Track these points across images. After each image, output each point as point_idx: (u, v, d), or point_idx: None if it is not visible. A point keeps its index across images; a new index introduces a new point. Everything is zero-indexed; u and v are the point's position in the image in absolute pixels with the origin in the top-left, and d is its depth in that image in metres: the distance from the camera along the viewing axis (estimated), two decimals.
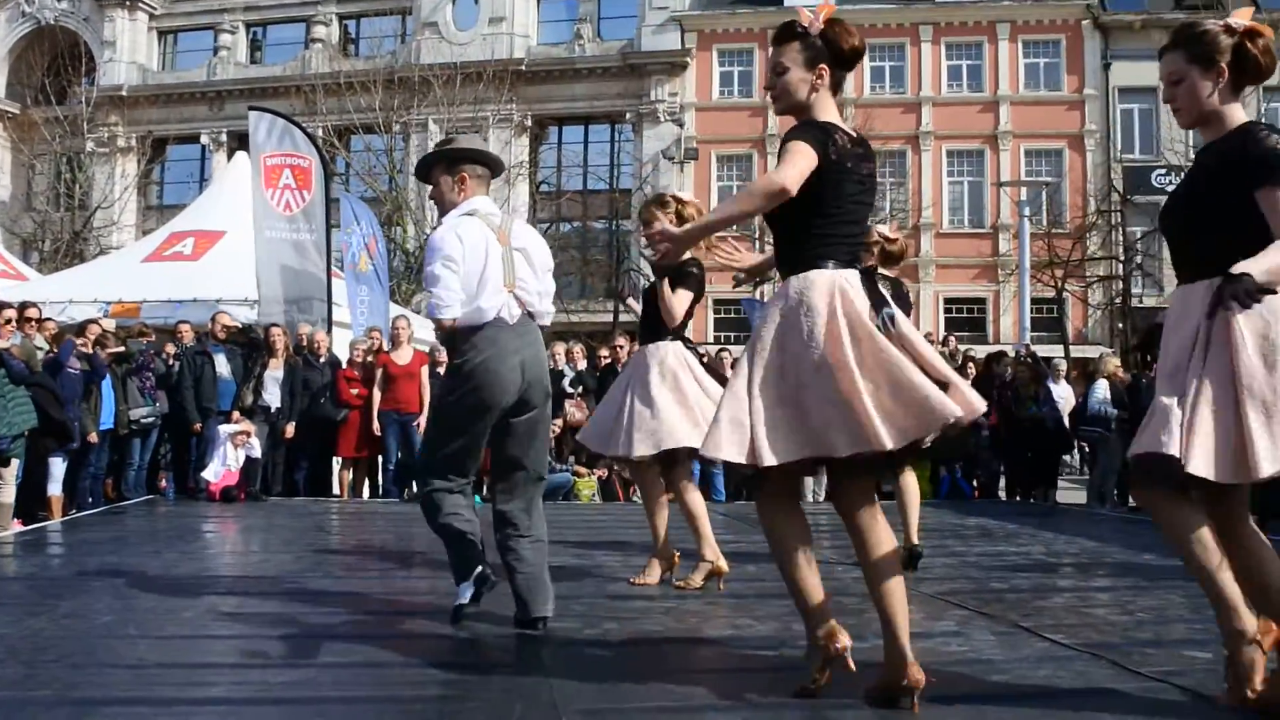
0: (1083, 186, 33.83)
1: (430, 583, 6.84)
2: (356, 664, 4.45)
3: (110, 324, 13.23)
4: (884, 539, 3.80)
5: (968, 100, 35.55)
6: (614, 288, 33.82)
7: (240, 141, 34.55)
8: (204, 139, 39.88)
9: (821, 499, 13.47)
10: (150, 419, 12.27)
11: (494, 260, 5.07)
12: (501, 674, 4.29)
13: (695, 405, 6.16)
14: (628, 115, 36.77)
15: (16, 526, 9.58)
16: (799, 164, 3.63)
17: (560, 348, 14.33)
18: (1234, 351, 3.35)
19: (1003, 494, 14.21)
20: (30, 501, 10.38)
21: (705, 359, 7.02)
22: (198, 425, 12.49)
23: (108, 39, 40.67)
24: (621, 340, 14.28)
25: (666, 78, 36.50)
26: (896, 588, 3.76)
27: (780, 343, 3.72)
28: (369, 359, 13.39)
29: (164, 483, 13.07)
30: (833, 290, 3.68)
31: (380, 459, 13.56)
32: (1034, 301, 28.30)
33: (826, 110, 3.86)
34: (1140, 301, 31.30)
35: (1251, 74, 3.49)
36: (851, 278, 3.74)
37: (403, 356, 13.19)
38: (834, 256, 3.75)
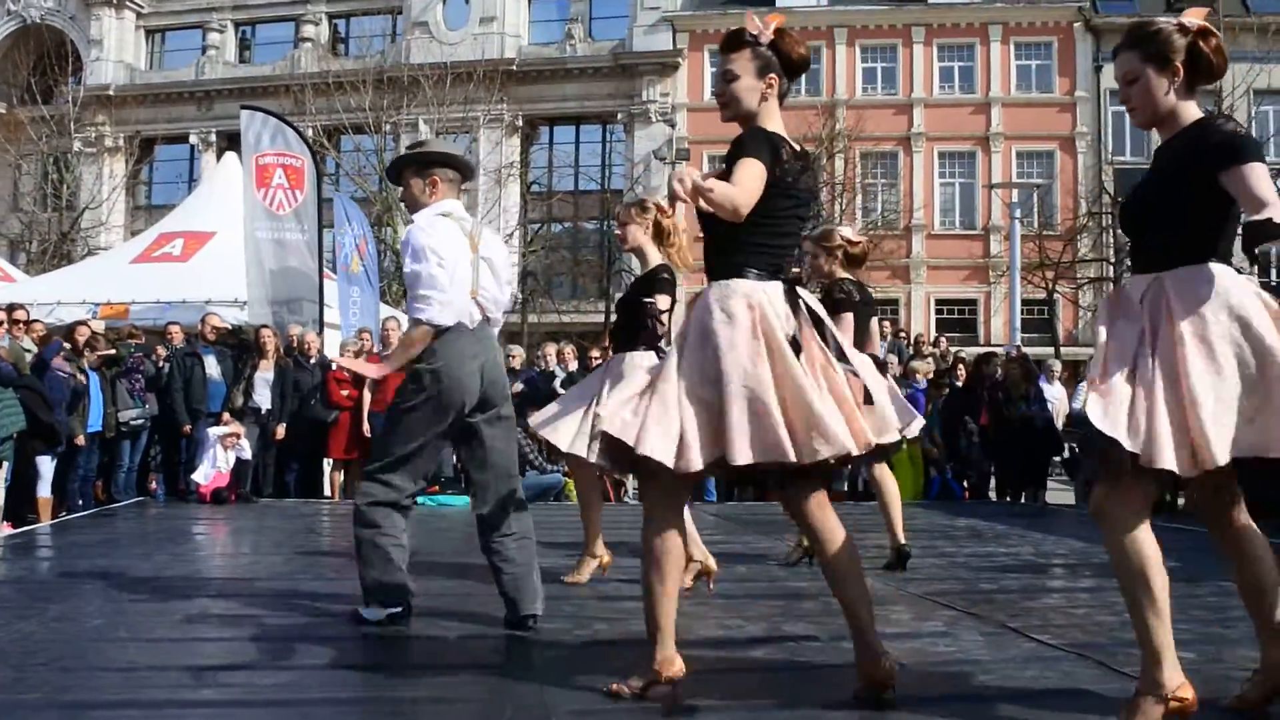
0: (1074, 188, 33.92)
1: (421, 584, 6.83)
2: (346, 666, 4.46)
3: (99, 325, 13.21)
4: (836, 536, 3.86)
5: (959, 102, 35.61)
6: (604, 288, 33.84)
7: (229, 141, 34.51)
8: (193, 139, 39.81)
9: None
10: (140, 421, 12.25)
11: (465, 264, 5.12)
12: (492, 675, 4.30)
13: None
14: (619, 115, 36.78)
15: (6, 529, 9.56)
16: (756, 187, 3.67)
17: (551, 349, 14.32)
18: (1176, 347, 3.35)
19: (993, 494, 14.22)
20: (19, 504, 10.37)
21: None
22: (187, 427, 12.47)
23: (94, 38, 40.56)
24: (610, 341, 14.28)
25: (658, 78, 36.52)
26: (857, 583, 3.87)
27: (700, 347, 3.73)
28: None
29: (154, 485, 13.05)
30: (752, 301, 3.72)
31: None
32: (1025, 303, 28.36)
33: (773, 119, 3.91)
34: None
35: (1204, 73, 3.52)
36: (772, 290, 3.79)
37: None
38: (757, 266, 3.79)
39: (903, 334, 19.80)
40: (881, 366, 8.27)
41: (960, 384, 14.31)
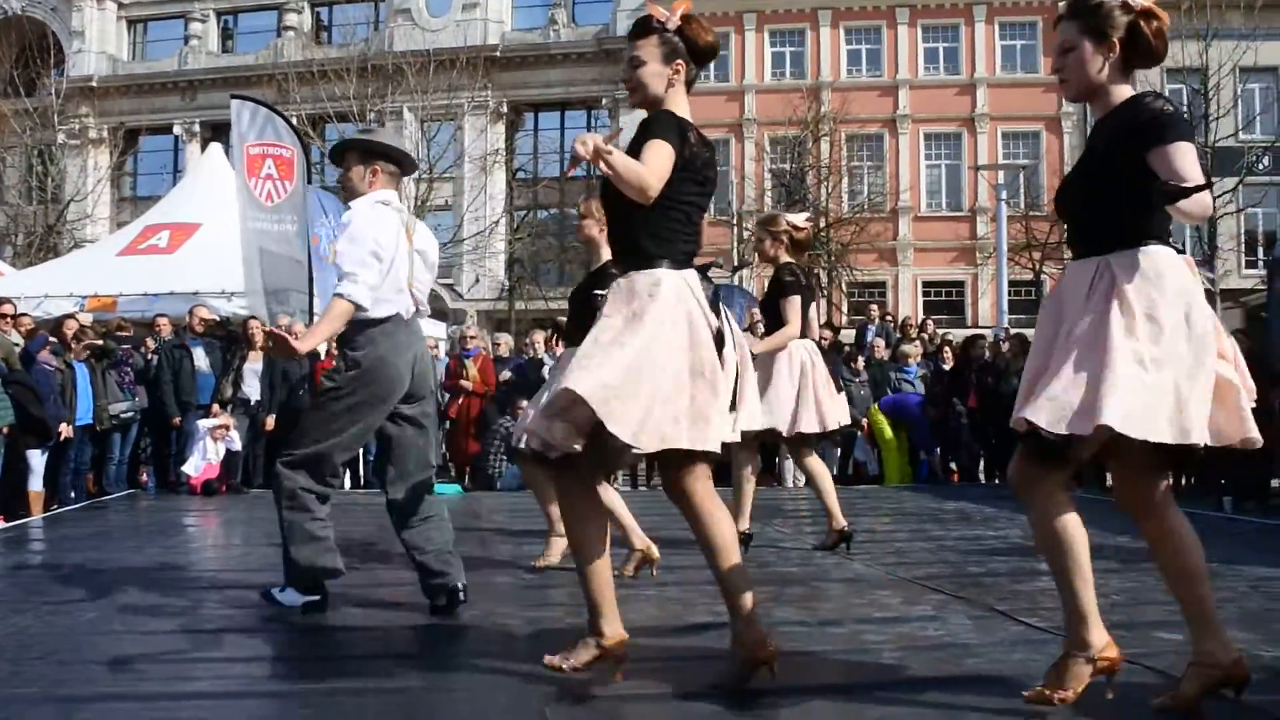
0: (1060, 169, 33.86)
1: (413, 573, 6.87)
2: (339, 656, 4.49)
3: (87, 318, 13.20)
4: (717, 520, 3.89)
5: (945, 83, 35.61)
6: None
7: (214, 131, 34.45)
8: (177, 129, 39.66)
9: (802, 484, 13.54)
10: (129, 414, 12.25)
11: (402, 256, 5.19)
12: (484, 664, 4.32)
13: None
14: (604, 101, 36.72)
15: None
16: (664, 168, 3.71)
17: (539, 336, 14.31)
18: (1112, 318, 3.34)
19: (983, 476, 14.28)
20: (11, 498, 10.37)
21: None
22: (177, 419, 12.49)
23: (76, 29, 40.37)
24: None
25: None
26: (735, 564, 3.91)
27: (625, 331, 3.72)
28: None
29: (145, 477, 13.06)
30: (680, 291, 3.77)
31: (360, 451, 13.54)
32: (1012, 284, 28.36)
33: (680, 105, 3.97)
34: None
35: (1142, 54, 3.49)
36: (691, 278, 3.85)
37: None
38: (671, 254, 3.83)
39: (889, 317, 19.83)
40: (827, 354, 8.40)
41: (948, 366, 14.35)
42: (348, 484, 13.67)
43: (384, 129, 5.85)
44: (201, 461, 12.08)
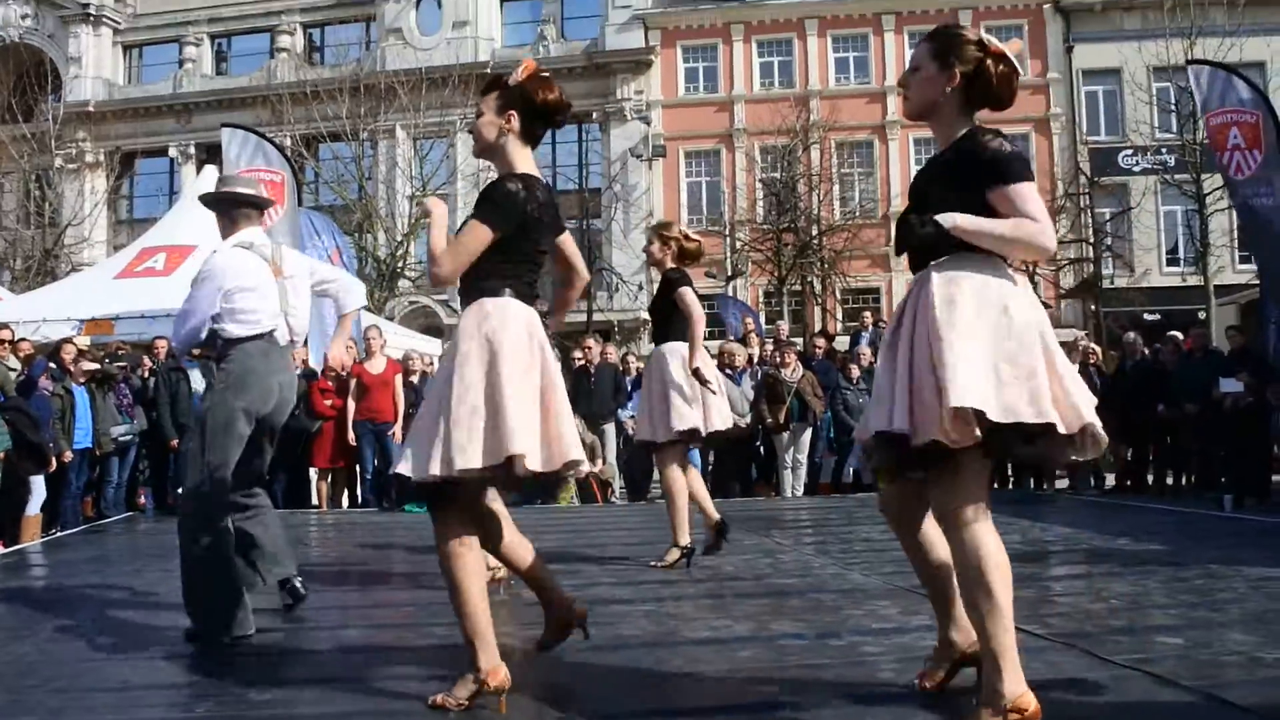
0: (1050, 170, 33.93)
1: (411, 594, 6.88)
2: (338, 678, 4.48)
3: (84, 342, 13.22)
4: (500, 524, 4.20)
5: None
6: (586, 288, 33.77)
7: (209, 154, 34.43)
8: (172, 152, 39.67)
9: (799, 493, 13.56)
10: (129, 436, 12.27)
11: (269, 287, 5.59)
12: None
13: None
14: (594, 115, 36.75)
15: None
16: (470, 251, 3.97)
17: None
18: (928, 312, 3.48)
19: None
20: (9, 523, 10.38)
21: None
22: (174, 442, 12.50)
23: (73, 55, 40.41)
24: (591, 341, 14.33)
25: (632, 76, 36.50)
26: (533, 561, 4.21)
27: (474, 359, 3.91)
28: (343, 370, 13.38)
29: (143, 499, 13.07)
30: (524, 320, 4.00)
31: (357, 469, 13.58)
32: None
33: (518, 154, 4.19)
34: (1111, 283, 31.46)
35: (985, 95, 3.63)
36: (533, 315, 4.07)
37: (376, 366, 13.23)
38: (513, 287, 4.03)
39: (883, 323, 19.82)
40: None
41: None
42: (345, 503, 13.70)
43: (237, 177, 6.24)
44: None
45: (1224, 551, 7.68)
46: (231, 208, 5.82)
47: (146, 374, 12.86)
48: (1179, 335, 13.57)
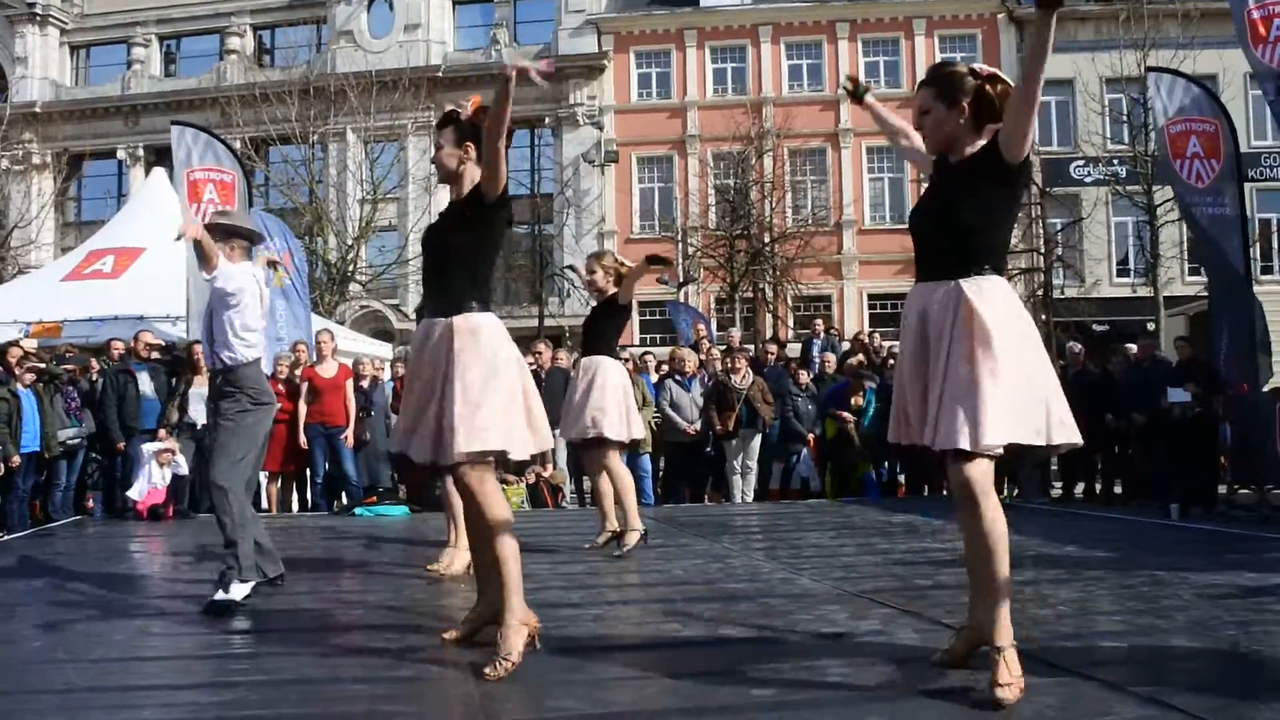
0: None
1: (360, 595, 6.87)
2: (286, 680, 4.46)
3: (31, 344, 13.07)
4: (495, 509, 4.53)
5: (886, 96, 35.22)
6: (538, 293, 33.76)
7: (158, 155, 34.11)
8: (120, 154, 39.28)
9: (749, 499, 13.60)
10: (77, 440, 12.15)
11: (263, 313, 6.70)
12: (430, 685, 4.33)
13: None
14: (547, 119, 36.69)
15: None
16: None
17: None
18: (973, 336, 3.88)
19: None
20: None
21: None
22: (121, 444, 12.39)
23: (19, 55, 39.94)
24: (542, 346, 14.32)
25: (585, 81, 36.47)
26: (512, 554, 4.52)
27: (451, 362, 4.52)
28: (294, 373, 13.32)
29: (90, 503, 12.93)
30: (500, 330, 4.64)
31: (307, 472, 13.50)
32: None
33: (477, 179, 4.72)
34: (1062, 293, 31.72)
35: (988, 114, 4.04)
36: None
37: (327, 370, 13.16)
38: (482, 300, 4.70)
39: (834, 331, 19.97)
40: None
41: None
42: (295, 507, 13.62)
43: (238, 212, 7.28)
44: (146, 486, 11.97)
45: (1170, 559, 7.76)
46: (231, 238, 6.75)
47: (95, 376, 12.72)
48: (1132, 348, 13.60)
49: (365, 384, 13.49)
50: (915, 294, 4.10)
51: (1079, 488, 13.56)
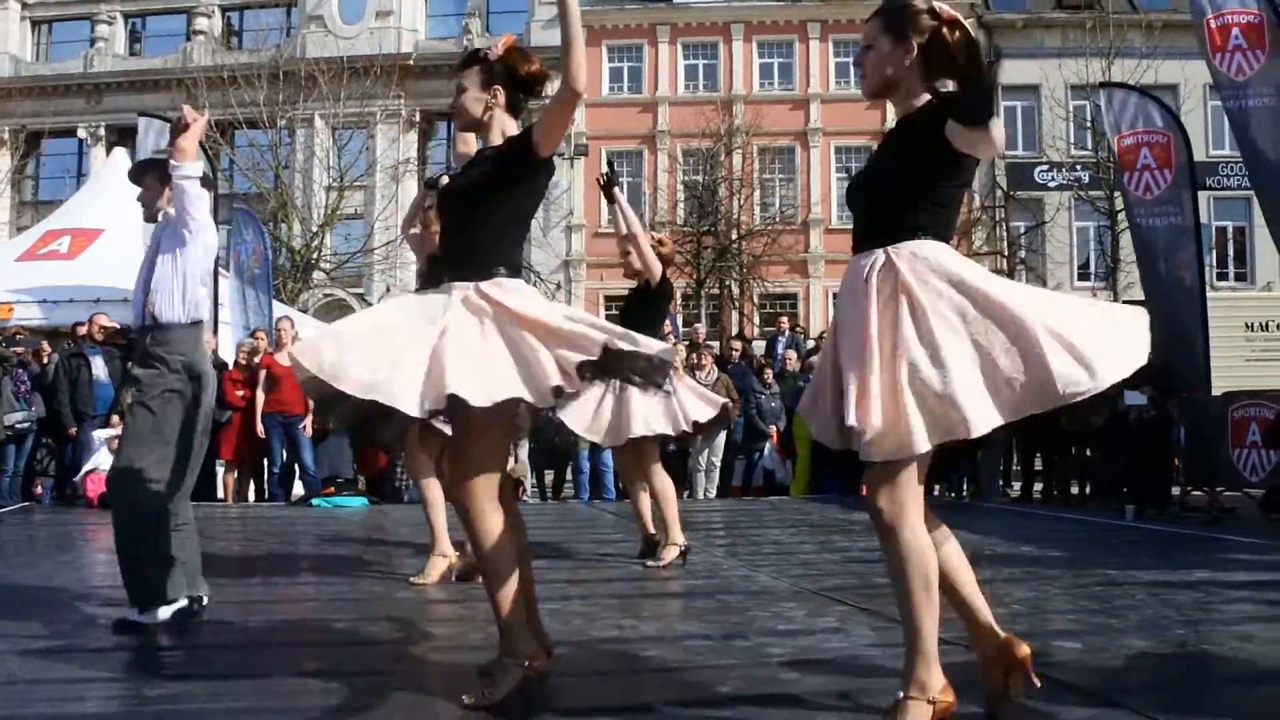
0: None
1: (316, 588, 6.79)
2: (237, 675, 4.39)
3: None
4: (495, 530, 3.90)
5: (855, 97, 35.67)
6: None
7: (119, 136, 33.81)
8: (81, 133, 38.88)
9: (711, 495, 13.60)
10: (26, 424, 11.98)
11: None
12: (384, 682, 4.26)
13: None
14: None
15: None
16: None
17: None
18: (918, 323, 3.30)
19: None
20: None
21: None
22: (73, 429, 12.23)
23: None
24: None
25: (556, 72, 36.19)
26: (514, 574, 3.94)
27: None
28: (253, 360, 13.20)
29: (39, 489, 12.77)
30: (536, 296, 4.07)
31: (265, 462, 13.39)
32: None
33: (506, 127, 4.24)
34: None
35: (943, 63, 3.41)
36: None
37: (286, 358, 13.04)
38: (509, 264, 4.05)
39: (800, 329, 19.97)
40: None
41: None
42: (251, 496, 13.51)
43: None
44: (98, 472, 11.83)
45: (1124, 559, 7.81)
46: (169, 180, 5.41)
47: (46, 360, 12.56)
48: None
49: None
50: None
51: (1036, 487, 13.62)
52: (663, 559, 7.28)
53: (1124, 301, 27.45)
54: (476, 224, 4.06)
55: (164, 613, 5.16)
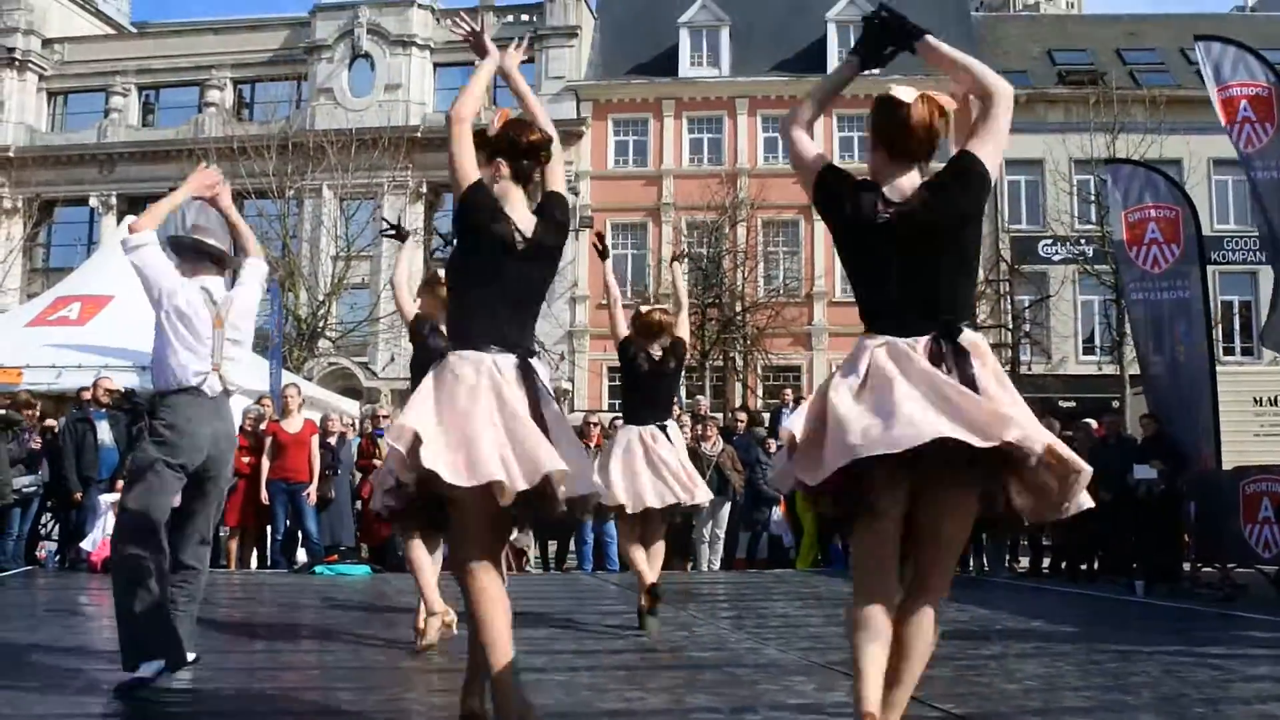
0: None
1: (318, 656, 6.72)
2: None
3: None
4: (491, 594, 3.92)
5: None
6: None
7: (130, 204, 34.01)
8: (93, 201, 39.13)
9: (717, 566, 13.50)
10: (32, 488, 11.95)
11: (204, 336, 5.53)
12: None
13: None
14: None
15: None
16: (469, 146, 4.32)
17: None
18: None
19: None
20: None
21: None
22: (78, 494, 12.19)
23: None
24: None
25: (562, 146, 36.52)
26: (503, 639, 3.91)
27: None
28: (259, 427, 13.18)
29: (42, 553, 12.71)
30: (480, 367, 4.04)
31: (268, 529, 13.33)
32: None
33: (512, 197, 4.34)
34: (1029, 369, 31.89)
35: (891, 142, 3.88)
36: (504, 360, 4.11)
37: (292, 425, 13.03)
38: (491, 338, 4.13)
39: (803, 400, 19.90)
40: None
41: None
42: (254, 563, 13.43)
43: (208, 229, 6.13)
44: (101, 537, 11.78)
45: (1136, 635, 7.75)
46: (194, 256, 5.94)
47: (48, 433, 12.56)
48: (1091, 423, 13.75)
49: (333, 440, 13.35)
50: None
51: (1045, 562, 13.54)
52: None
53: (1130, 375, 27.48)
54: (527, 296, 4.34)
55: (148, 669, 5.09)
